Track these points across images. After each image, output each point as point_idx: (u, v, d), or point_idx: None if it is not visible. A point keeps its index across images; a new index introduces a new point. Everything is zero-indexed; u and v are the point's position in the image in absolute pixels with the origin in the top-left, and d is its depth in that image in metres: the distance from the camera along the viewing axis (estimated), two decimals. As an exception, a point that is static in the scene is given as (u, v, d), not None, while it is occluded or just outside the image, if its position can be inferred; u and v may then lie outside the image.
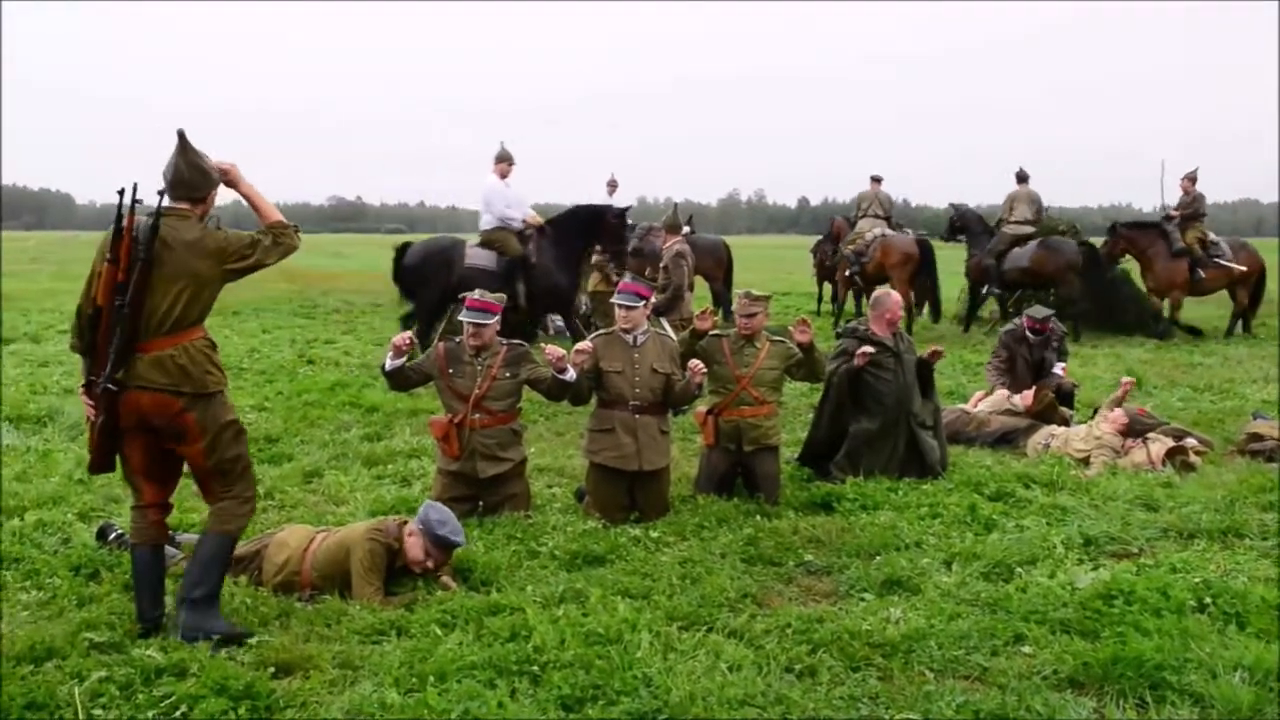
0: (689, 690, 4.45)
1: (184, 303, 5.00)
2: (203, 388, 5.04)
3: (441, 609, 5.37)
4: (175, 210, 5.07)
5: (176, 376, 4.97)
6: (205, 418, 5.07)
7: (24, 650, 4.78)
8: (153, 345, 4.97)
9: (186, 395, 4.99)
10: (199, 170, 5.11)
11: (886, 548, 6.50)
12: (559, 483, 8.25)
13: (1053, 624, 5.26)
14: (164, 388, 4.95)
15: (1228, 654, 4.79)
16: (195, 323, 5.08)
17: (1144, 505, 7.44)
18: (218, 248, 5.07)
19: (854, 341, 8.35)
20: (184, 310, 5.00)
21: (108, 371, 4.93)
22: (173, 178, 5.09)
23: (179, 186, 5.09)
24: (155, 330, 4.98)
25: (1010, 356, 10.83)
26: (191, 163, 5.10)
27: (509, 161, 14.28)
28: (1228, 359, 15.20)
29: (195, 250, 5.02)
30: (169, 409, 5.00)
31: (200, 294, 5.06)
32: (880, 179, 20.00)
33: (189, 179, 5.10)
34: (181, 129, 5.11)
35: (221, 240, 5.09)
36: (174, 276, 4.98)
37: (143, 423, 5.05)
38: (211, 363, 5.11)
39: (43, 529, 6.62)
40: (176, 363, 4.97)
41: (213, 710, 4.25)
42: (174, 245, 4.98)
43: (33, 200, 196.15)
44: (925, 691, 4.55)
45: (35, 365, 13.63)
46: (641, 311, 7.41)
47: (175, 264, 4.98)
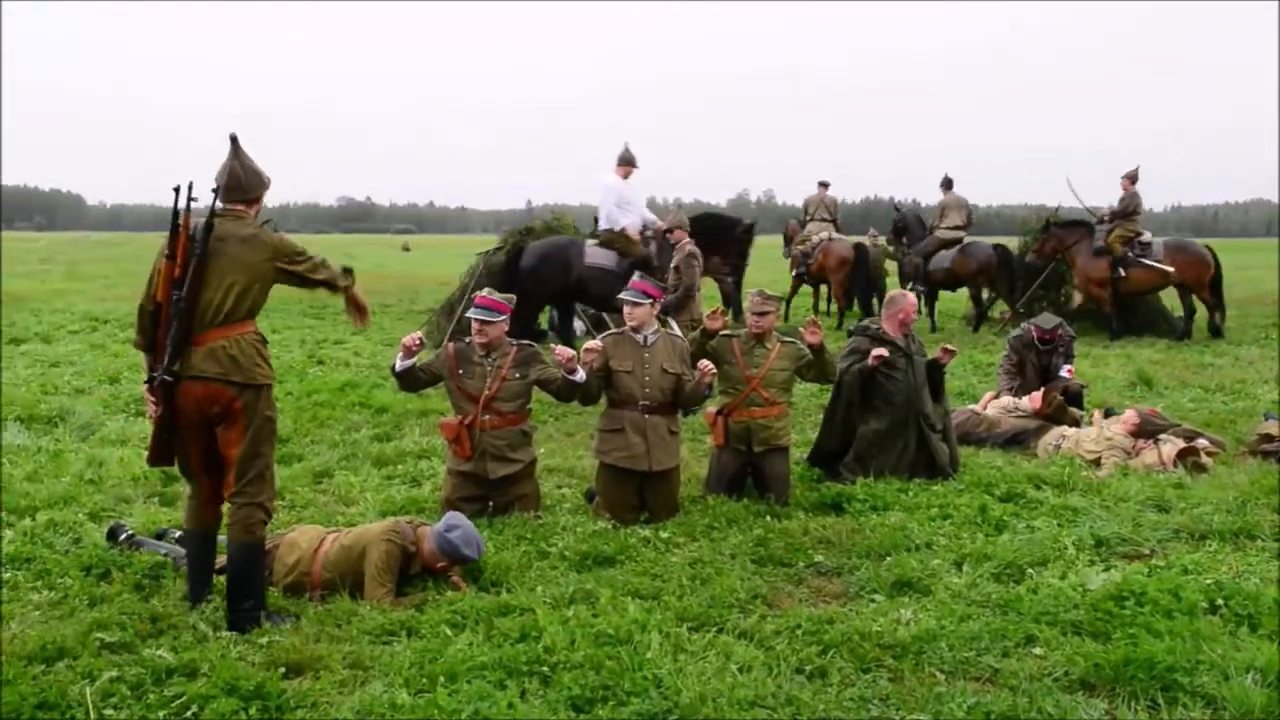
0: (699, 691, 4.45)
1: (235, 297, 5.21)
2: (251, 379, 5.24)
3: (451, 609, 5.37)
4: (230, 211, 5.34)
5: (227, 366, 5.18)
6: (251, 407, 5.27)
7: (35, 650, 4.79)
8: (206, 337, 5.19)
9: (236, 384, 5.19)
10: (252, 172, 5.39)
11: (897, 549, 6.49)
12: (569, 483, 8.25)
13: (1064, 625, 5.24)
14: (215, 377, 5.16)
15: (1240, 655, 4.77)
16: (246, 317, 5.29)
17: (1155, 506, 7.41)
18: (271, 245, 5.33)
19: (865, 340, 8.34)
20: (235, 304, 5.22)
21: (165, 363, 5.15)
22: (227, 181, 5.32)
23: (233, 190, 5.34)
24: (209, 323, 5.19)
25: (1020, 360, 10.87)
26: (245, 165, 5.37)
27: (632, 164, 14.27)
28: (1239, 360, 15.14)
29: (249, 247, 5.26)
30: (222, 397, 5.21)
31: (251, 289, 5.27)
32: (827, 184, 21.01)
33: (243, 182, 5.36)
34: (234, 134, 5.38)
35: (276, 240, 5.37)
36: (227, 271, 5.21)
37: (201, 415, 5.26)
38: (260, 356, 5.33)
39: (54, 529, 6.63)
40: (228, 353, 5.18)
41: (223, 710, 4.25)
42: (228, 242, 5.23)
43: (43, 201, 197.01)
44: (936, 693, 4.54)
45: (46, 365, 13.66)
46: (648, 310, 7.39)
47: (229, 260, 5.21)
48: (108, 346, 15.68)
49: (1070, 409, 10.01)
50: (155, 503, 7.51)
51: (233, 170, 5.34)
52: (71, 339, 16.67)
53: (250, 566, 5.38)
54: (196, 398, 5.20)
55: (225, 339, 5.20)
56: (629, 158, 14.30)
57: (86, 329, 18.04)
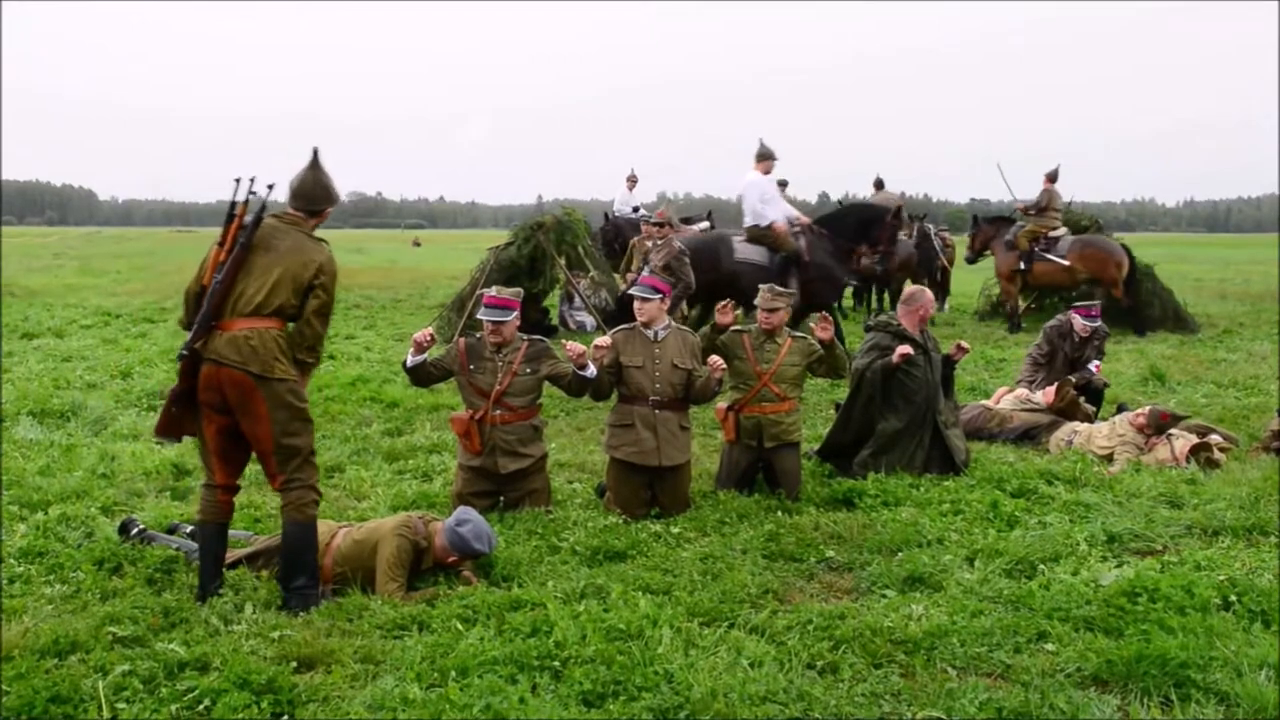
0: (710, 686, 4.44)
1: (268, 293, 5.36)
2: (268, 371, 5.33)
3: (463, 604, 5.38)
4: (290, 214, 5.54)
5: (246, 355, 5.29)
6: (273, 400, 5.36)
7: (48, 644, 4.80)
8: (232, 325, 5.35)
9: (253, 375, 5.30)
10: (322, 187, 5.60)
11: (908, 544, 6.48)
12: (580, 478, 8.25)
13: (1076, 621, 5.23)
14: (234, 364, 5.28)
15: (1253, 652, 4.75)
16: (275, 314, 5.40)
17: (1168, 502, 7.39)
18: (319, 263, 5.47)
19: (886, 336, 8.31)
20: (267, 299, 5.36)
21: (189, 340, 5.36)
22: (298, 188, 5.55)
23: (300, 197, 5.55)
24: (237, 311, 5.36)
25: (1052, 351, 10.73)
26: (317, 179, 5.59)
27: (771, 158, 14.20)
28: (1252, 355, 15.09)
29: (295, 252, 5.43)
30: (242, 385, 5.32)
31: (287, 288, 5.39)
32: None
33: (311, 192, 5.57)
34: (315, 147, 5.62)
35: (327, 259, 5.51)
36: (269, 267, 5.39)
37: (221, 401, 5.39)
38: (281, 353, 5.40)
39: (66, 523, 6.64)
40: (249, 343, 5.31)
41: (235, 704, 4.27)
42: (279, 240, 5.44)
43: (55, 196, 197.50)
44: (948, 689, 4.53)
45: (59, 360, 13.70)
46: (657, 305, 7.38)
47: (274, 257, 5.41)
48: (120, 341, 15.72)
49: (1085, 405, 9.98)
50: (167, 497, 7.53)
51: (305, 179, 5.55)
52: (84, 334, 16.71)
53: (304, 545, 5.53)
54: (214, 381, 5.33)
55: (249, 329, 5.32)
56: (768, 152, 14.19)
57: (99, 324, 18.09)
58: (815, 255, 13.87)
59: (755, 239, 14.06)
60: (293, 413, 5.44)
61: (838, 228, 14.23)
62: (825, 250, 13.97)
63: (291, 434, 5.45)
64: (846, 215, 14.64)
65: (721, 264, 13.81)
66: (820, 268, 13.88)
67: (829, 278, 14.02)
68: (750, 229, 14.16)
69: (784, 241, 13.86)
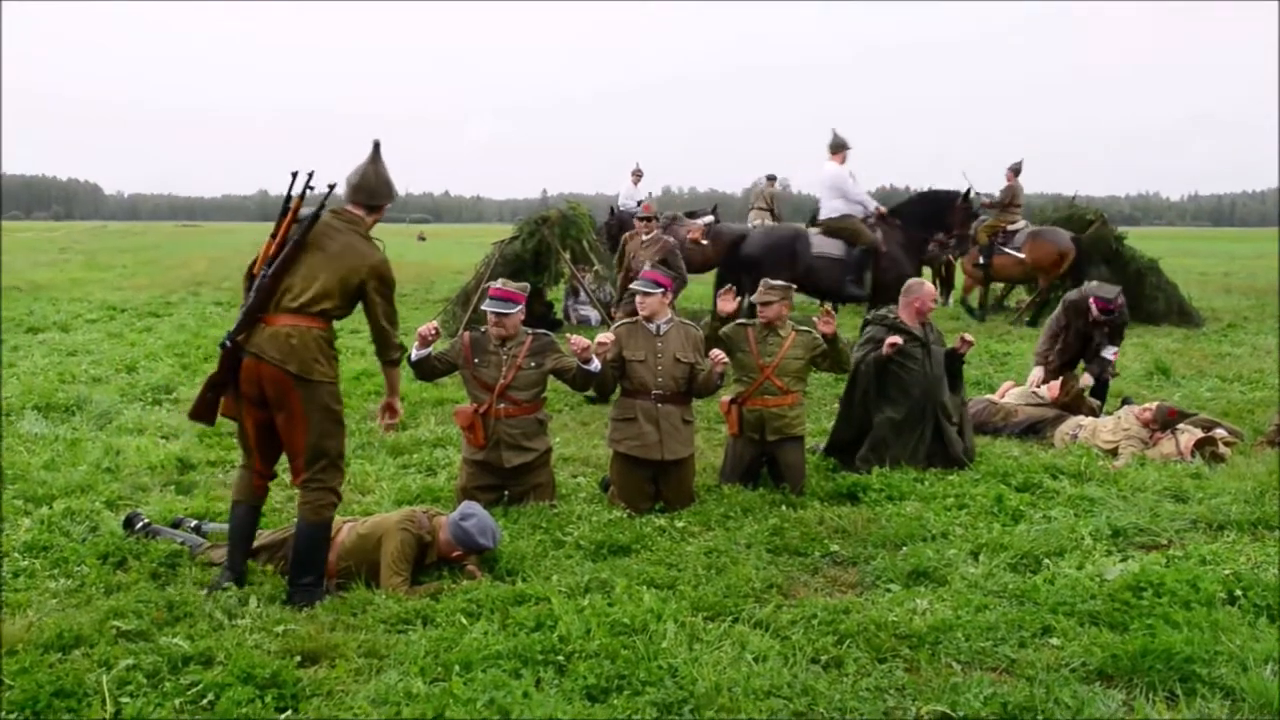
0: (714, 681, 4.44)
1: (317, 291, 5.33)
2: (306, 372, 5.30)
3: (467, 598, 5.38)
4: (348, 213, 5.48)
5: (285, 353, 5.26)
6: (310, 401, 5.34)
7: (52, 638, 4.81)
8: (276, 320, 5.32)
9: (291, 375, 5.27)
10: (383, 181, 5.53)
11: (913, 538, 6.47)
12: (584, 472, 8.25)
13: (1081, 616, 5.22)
14: (274, 361, 5.25)
15: (1259, 647, 4.75)
16: (319, 314, 5.37)
17: (1173, 496, 7.38)
18: (372, 263, 5.44)
19: (882, 329, 8.30)
20: (314, 297, 5.33)
21: (232, 330, 5.35)
22: (357, 182, 5.48)
23: (360, 191, 5.49)
24: (282, 307, 5.33)
25: (1067, 323, 10.46)
26: (378, 173, 5.52)
27: (846, 148, 14.14)
28: (1257, 349, 15.05)
29: (347, 254, 5.39)
30: (280, 383, 5.30)
31: (334, 290, 5.36)
32: (774, 177, 22.32)
33: (372, 186, 5.50)
34: (377, 140, 5.53)
35: (380, 261, 5.47)
36: (319, 266, 5.35)
37: (260, 395, 5.37)
38: (322, 354, 5.38)
39: (70, 517, 6.65)
40: (290, 341, 5.27)
41: (239, 698, 4.26)
42: (333, 239, 5.39)
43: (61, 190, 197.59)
44: (952, 683, 4.52)
45: (64, 354, 13.70)
46: (660, 299, 7.38)
47: (325, 256, 5.36)
48: (125, 335, 15.72)
49: (1090, 400, 9.96)
50: (171, 491, 7.53)
51: (365, 173, 5.48)
52: (89, 328, 16.71)
53: (315, 545, 5.53)
54: (254, 375, 5.32)
55: (291, 327, 5.28)
56: (842, 142, 14.16)
57: (104, 318, 18.09)
58: (889, 247, 13.81)
59: (831, 232, 13.94)
60: (328, 415, 5.42)
61: (910, 217, 14.18)
62: (897, 241, 13.92)
63: (325, 435, 5.42)
64: (918, 203, 14.54)
65: (799, 258, 13.68)
66: (890, 259, 13.81)
67: (898, 270, 13.84)
68: (828, 221, 14.02)
69: (862, 234, 13.75)
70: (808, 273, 13.71)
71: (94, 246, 47.38)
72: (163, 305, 20.26)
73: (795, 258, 13.71)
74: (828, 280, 13.88)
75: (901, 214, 14.32)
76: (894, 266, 13.81)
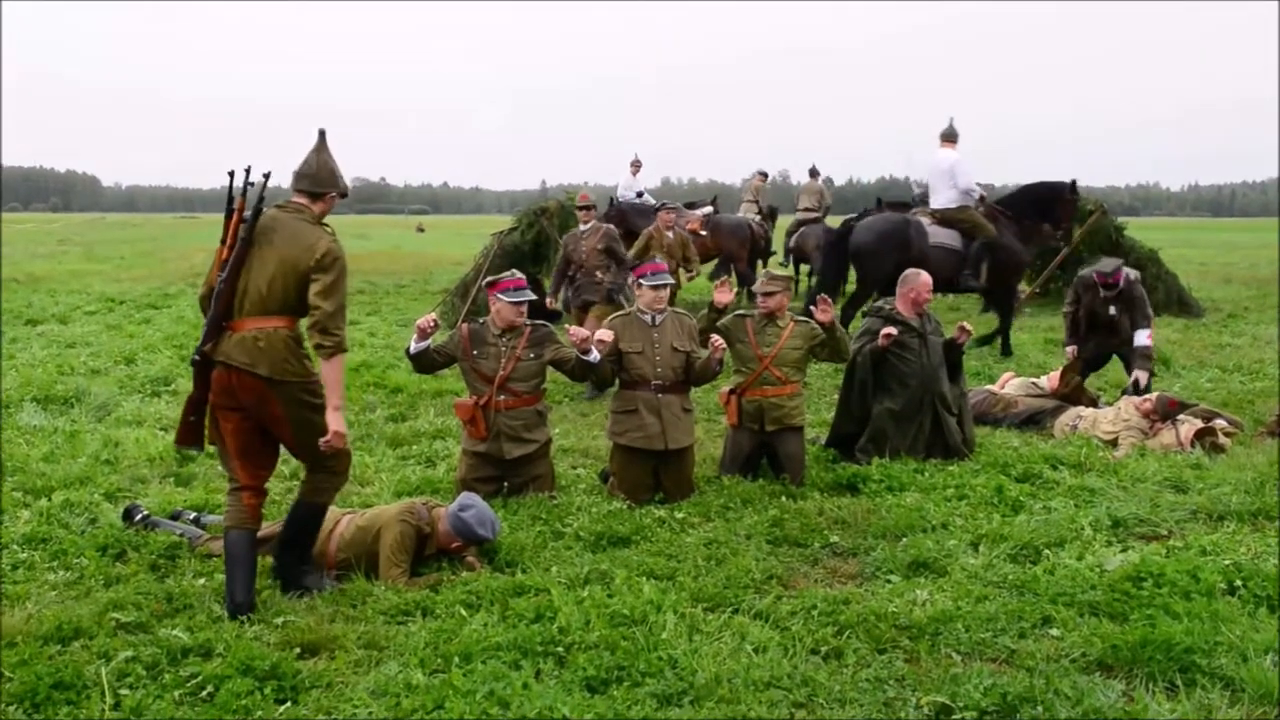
0: (714, 672, 4.44)
1: (272, 287, 5.16)
2: (277, 373, 5.14)
3: (466, 590, 5.38)
4: (292, 203, 5.34)
5: (254, 357, 5.11)
6: (287, 401, 5.20)
7: (51, 630, 4.81)
8: (241, 325, 5.17)
9: (264, 378, 5.11)
10: (328, 170, 5.37)
11: (913, 529, 6.47)
12: (583, 464, 8.25)
13: (1081, 606, 5.22)
14: (244, 367, 5.11)
15: (1259, 637, 4.74)
16: (281, 312, 5.20)
17: (1173, 487, 7.38)
18: (313, 250, 5.17)
19: (879, 321, 8.29)
20: (269, 295, 5.16)
21: (200, 343, 5.21)
22: (300, 169, 5.35)
23: (303, 178, 5.35)
24: (245, 310, 5.18)
25: (1076, 301, 10.35)
26: (323, 160, 5.37)
27: (958, 137, 14.02)
28: (1257, 339, 15.05)
29: (294, 242, 5.19)
30: (255, 389, 5.16)
31: (289, 284, 5.17)
32: (765, 174, 23.55)
33: (315, 173, 5.35)
34: (322, 129, 5.41)
35: (323, 247, 5.18)
36: (269, 261, 5.18)
37: (234, 401, 5.22)
38: (291, 354, 5.20)
39: (70, 509, 6.65)
40: (257, 344, 5.12)
41: (238, 690, 4.26)
42: (278, 231, 5.22)
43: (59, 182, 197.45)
44: (952, 674, 4.52)
45: (62, 346, 13.70)
46: (665, 293, 7.39)
47: (273, 250, 5.18)
48: (124, 327, 15.72)
49: (1089, 391, 9.94)
50: (171, 483, 7.54)
51: (309, 161, 5.36)
52: (88, 320, 16.72)
53: (305, 528, 5.52)
54: (225, 385, 5.18)
55: (258, 330, 5.14)
56: (956, 132, 14.05)
57: (103, 310, 18.10)
58: (1005, 239, 13.68)
59: (946, 221, 13.75)
60: (311, 410, 5.25)
61: (1019, 208, 14.03)
62: (1011, 232, 13.79)
63: (313, 432, 5.24)
64: (1026, 195, 14.36)
65: (912, 247, 13.36)
66: (1007, 250, 13.68)
67: (1015, 261, 13.87)
68: (942, 211, 13.84)
69: (982, 226, 13.56)
70: (921, 262, 13.15)
71: (92, 238, 47.39)
72: (161, 297, 20.25)
73: (909, 246, 13.36)
74: (943, 271, 13.37)
75: (1011, 205, 14.13)
76: (1012, 257, 13.72)
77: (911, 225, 13.70)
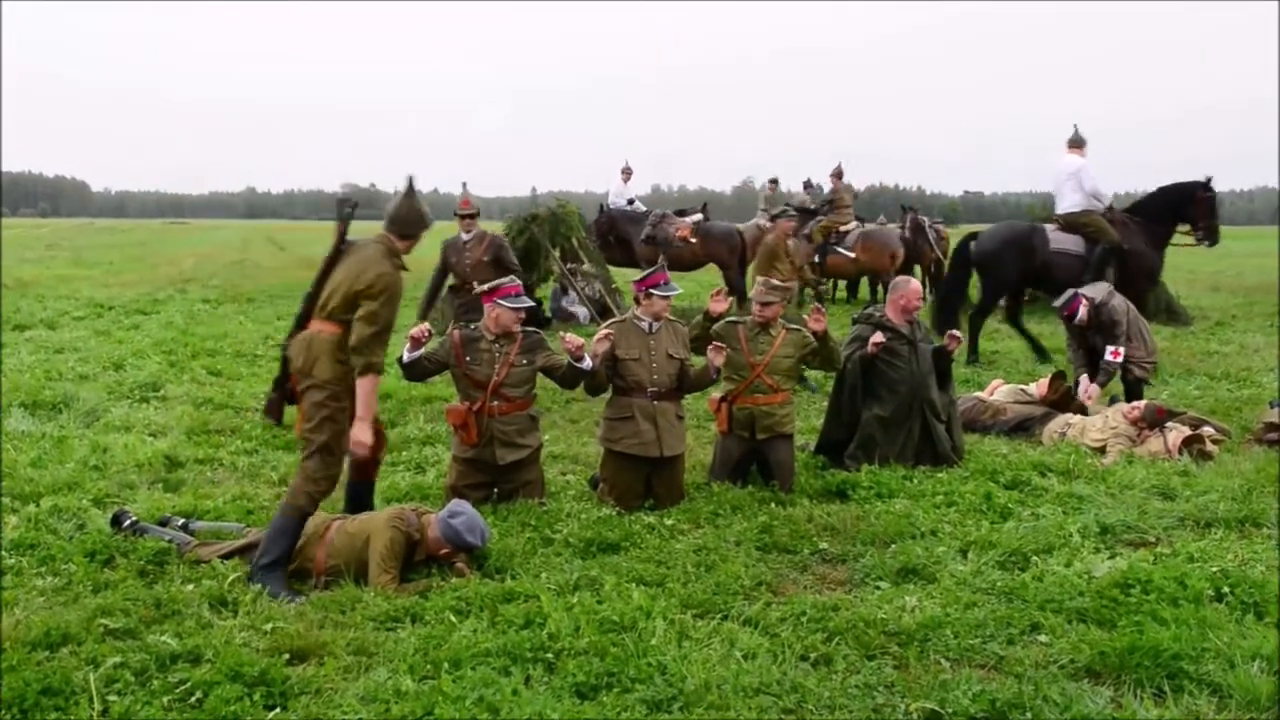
0: (704, 678, 4.44)
1: (333, 300, 5.76)
2: (306, 369, 5.76)
3: (456, 596, 5.37)
4: (383, 236, 5.92)
5: (298, 352, 5.82)
6: (308, 394, 5.80)
7: (39, 636, 4.79)
8: (311, 325, 5.87)
9: (299, 371, 5.81)
10: (415, 213, 5.95)
11: (902, 536, 6.48)
12: (573, 470, 8.25)
13: (1069, 613, 5.23)
14: (292, 359, 5.88)
15: (1246, 644, 4.76)
16: (336, 319, 5.75)
17: (1161, 494, 7.40)
18: (366, 277, 5.71)
19: (869, 328, 8.30)
20: (331, 306, 5.77)
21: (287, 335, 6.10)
22: (392, 213, 5.94)
23: (394, 222, 5.93)
24: (316, 314, 5.86)
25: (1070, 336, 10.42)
26: (411, 205, 5.96)
27: (1085, 144, 13.87)
28: (1244, 347, 15.11)
29: (359, 264, 5.77)
30: (295, 379, 5.87)
31: (344, 300, 5.73)
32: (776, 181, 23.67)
33: (404, 218, 5.92)
34: (411, 175, 6.02)
35: (374, 276, 5.71)
36: (341, 274, 5.80)
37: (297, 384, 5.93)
38: (327, 357, 5.73)
39: (57, 515, 6.62)
40: (305, 342, 5.81)
41: (227, 696, 4.25)
42: (355, 254, 5.86)
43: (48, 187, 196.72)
44: (941, 680, 4.53)
45: (51, 351, 13.65)
46: (671, 301, 7.42)
47: (345, 268, 5.82)
48: (112, 333, 15.68)
49: (1077, 398, 9.96)
50: (159, 489, 7.51)
51: (399, 206, 5.93)
52: (76, 325, 16.66)
53: (281, 529, 5.73)
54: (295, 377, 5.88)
55: (315, 332, 5.79)
56: (1080, 138, 13.88)
57: (91, 315, 18.04)
58: (1132, 244, 13.44)
59: (1071, 227, 13.61)
60: (317, 408, 5.73)
61: (1150, 213, 13.85)
62: (1141, 239, 13.56)
63: (313, 429, 5.76)
64: (1157, 199, 14.15)
65: (1036, 254, 13.33)
66: (1137, 256, 13.45)
67: (1146, 267, 13.62)
68: (1067, 216, 13.71)
69: (1106, 231, 13.39)
70: (1044, 269, 13.32)
71: (81, 243, 47.27)
72: (150, 303, 20.21)
73: (1032, 253, 13.34)
74: (1066, 277, 13.10)
75: (1142, 209, 14.00)
76: (1141, 263, 13.48)
77: (1035, 232, 13.64)
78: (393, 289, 5.71)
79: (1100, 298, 10.09)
